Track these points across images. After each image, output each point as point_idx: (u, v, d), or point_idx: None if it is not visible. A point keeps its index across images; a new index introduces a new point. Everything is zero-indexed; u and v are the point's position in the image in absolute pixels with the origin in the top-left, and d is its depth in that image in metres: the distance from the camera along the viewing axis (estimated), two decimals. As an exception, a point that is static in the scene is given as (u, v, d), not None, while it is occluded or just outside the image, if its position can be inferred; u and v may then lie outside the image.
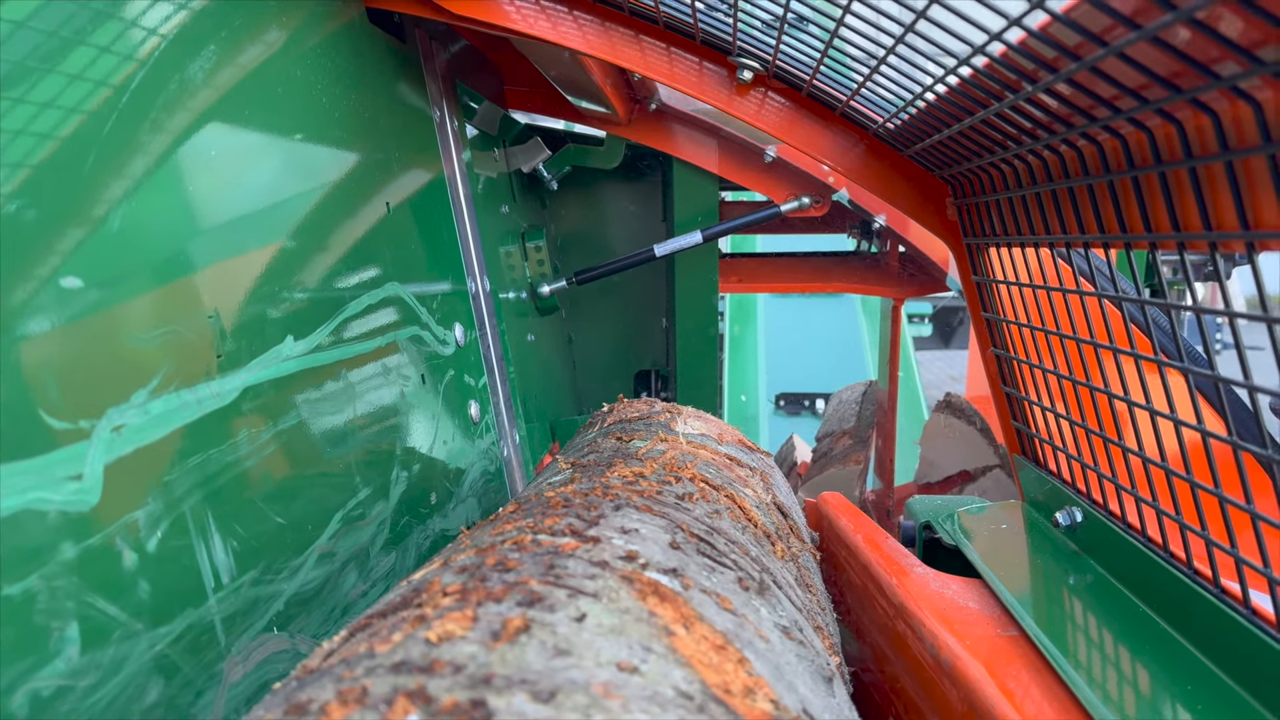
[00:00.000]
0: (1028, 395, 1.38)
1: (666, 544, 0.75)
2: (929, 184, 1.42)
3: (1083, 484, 1.28)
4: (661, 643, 0.55)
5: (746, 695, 0.55)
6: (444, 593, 0.58)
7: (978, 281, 1.42)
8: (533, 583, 0.59)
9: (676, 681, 0.51)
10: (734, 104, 1.43)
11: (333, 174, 1.21)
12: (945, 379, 11.26)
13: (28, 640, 0.60)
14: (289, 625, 0.94)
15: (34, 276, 0.67)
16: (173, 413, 0.80)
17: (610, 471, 1.00)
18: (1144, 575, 1.11)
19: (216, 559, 0.83)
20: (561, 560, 0.64)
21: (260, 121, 1.03)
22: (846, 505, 1.59)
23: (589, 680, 0.47)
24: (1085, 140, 0.97)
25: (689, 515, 0.87)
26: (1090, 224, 1.04)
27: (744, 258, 3.14)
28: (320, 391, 1.07)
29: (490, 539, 0.73)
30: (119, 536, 0.71)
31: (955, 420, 2.95)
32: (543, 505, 0.84)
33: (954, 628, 1.14)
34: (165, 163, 0.84)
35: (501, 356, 1.91)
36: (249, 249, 0.98)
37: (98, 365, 0.72)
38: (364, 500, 1.15)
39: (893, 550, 1.38)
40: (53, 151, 0.71)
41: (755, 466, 1.30)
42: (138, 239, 0.79)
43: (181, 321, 0.83)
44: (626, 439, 1.22)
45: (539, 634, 0.51)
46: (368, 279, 1.26)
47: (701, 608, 0.64)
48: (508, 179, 2.39)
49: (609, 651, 0.51)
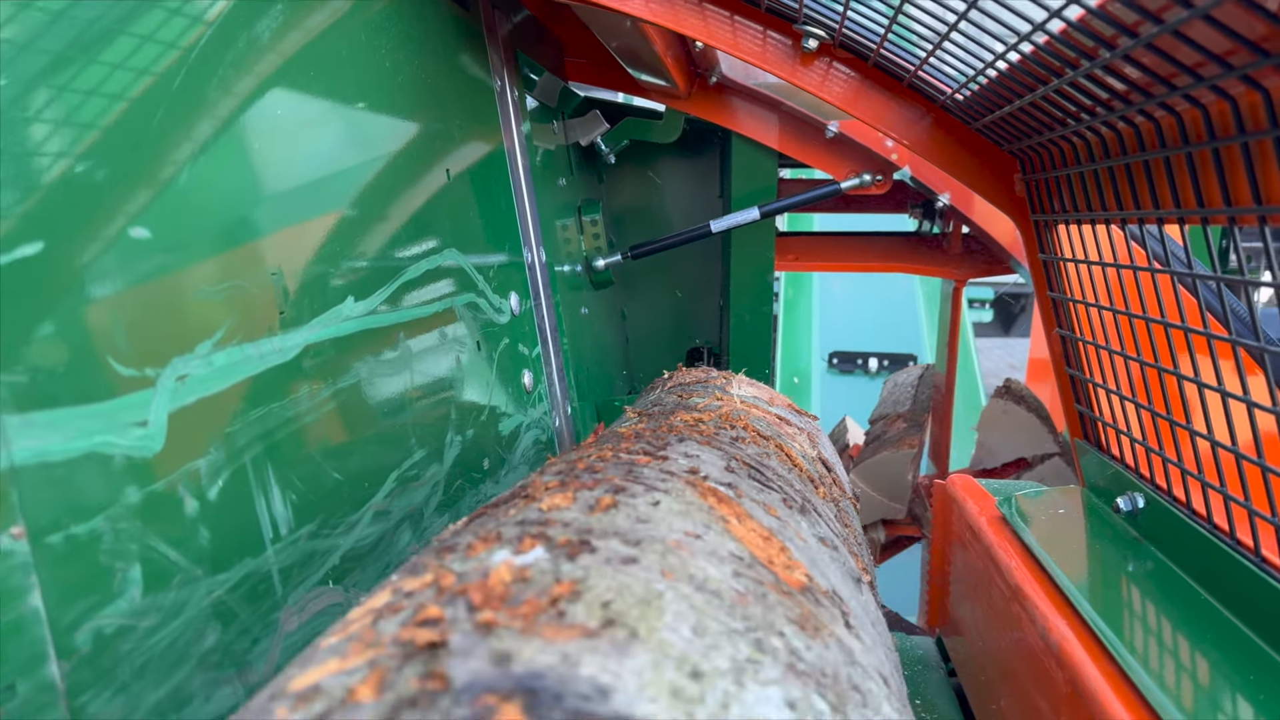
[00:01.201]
0: (1092, 378, 1.35)
1: (722, 467, 0.89)
2: (997, 158, 1.39)
3: (1146, 469, 1.25)
4: (719, 525, 0.69)
5: (786, 569, 0.69)
6: (546, 486, 0.73)
7: (1044, 260, 1.38)
8: (616, 480, 0.74)
9: (731, 549, 0.65)
10: (798, 74, 1.41)
11: (394, 140, 1.22)
12: (1004, 367, 11.06)
13: (92, 579, 0.62)
14: (344, 580, 0.95)
15: (105, 228, 0.68)
16: (235, 365, 0.81)
17: (672, 417, 1.15)
18: (1208, 563, 1.07)
19: (275, 511, 0.85)
20: (638, 469, 0.79)
21: (324, 86, 1.04)
22: (975, 488, 1.57)
23: (664, 537, 0.62)
24: (1163, 111, 0.94)
25: (742, 451, 1.00)
26: (1165, 200, 1.01)
27: (801, 236, 3.11)
28: (378, 353, 1.08)
29: (576, 456, 0.89)
30: (181, 484, 0.73)
31: (1014, 406, 2.89)
32: (616, 437, 1.01)
33: (1065, 613, 1.12)
34: (232, 123, 0.85)
35: (556, 328, 1.91)
36: (312, 210, 0.99)
37: (164, 316, 0.73)
38: (419, 461, 1.16)
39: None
40: (124, 111, 0.72)
41: (802, 427, 1.41)
42: (203, 196, 0.80)
43: (246, 277, 0.85)
44: (685, 396, 1.34)
45: (624, 509, 0.66)
46: (426, 245, 1.27)
47: (751, 509, 0.78)
48: (566, 151, 2.39)
49: (679, 524, 0.65)
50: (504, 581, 0.51)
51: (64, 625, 0.59)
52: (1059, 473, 2.82)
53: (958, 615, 1.60)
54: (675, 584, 0.55)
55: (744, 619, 0.54)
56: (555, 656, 0.43)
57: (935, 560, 1.73)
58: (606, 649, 0.45)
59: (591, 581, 0.52)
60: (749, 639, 0.52)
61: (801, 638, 0.57)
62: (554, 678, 0.41)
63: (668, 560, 0.58)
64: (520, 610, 0.47)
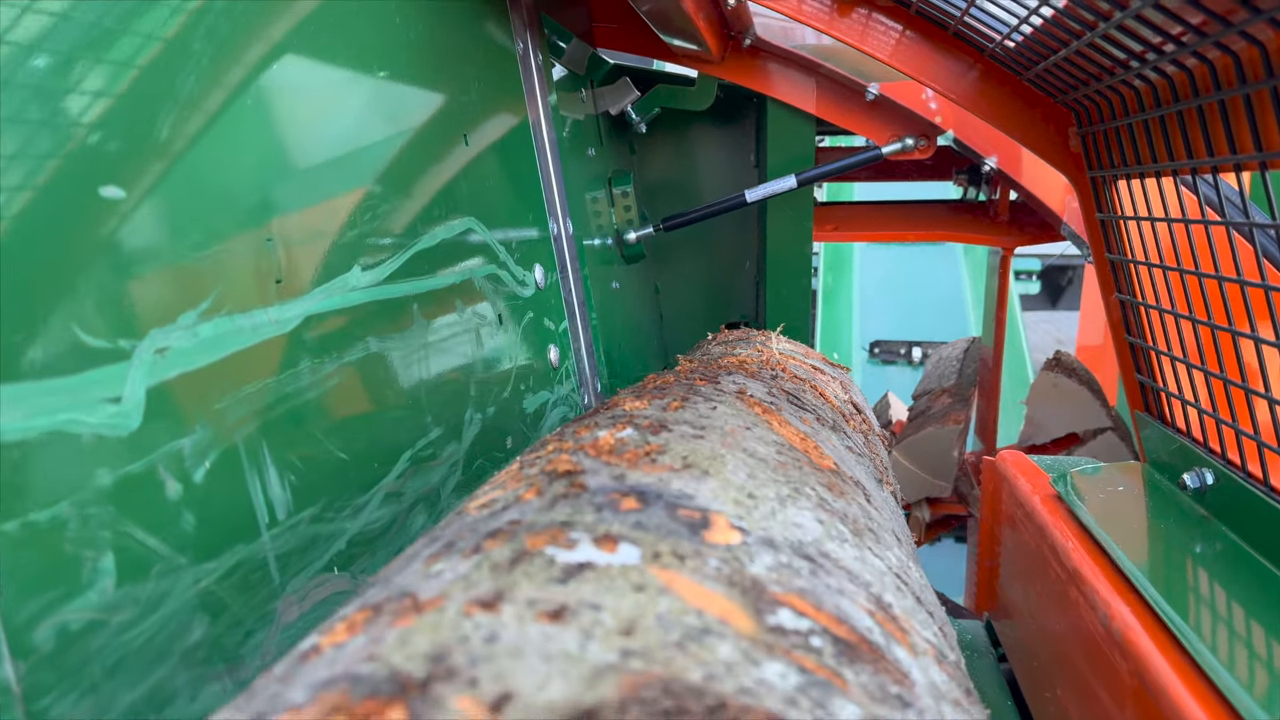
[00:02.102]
0: (1155, 345, 1.25)
1: (765, 391, 1.06)
2: (1051, 111, 1.29)
3: (1216, 442, 1.15)
4: (763, 424, 0.86)
5: (819, 456, 0.85)
6: (625, 399, 0.90)
7: (1102, 219, 1.28)
8: (680, 393, 0.91)
9: (774, 438, 0.82)
10: (835, 25, 1.32)
11: (404, 103, 1.15)
12: (1051, 342, 10.80)
13: (55, 571, 0.56)
14: (351, 565, 0.90)
15: (71, 185, 0.62)
16: (225, 337, 0.75)
17: (720, 360, 1.33)
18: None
19: (272, 493, 0.79)
20: (697, 388, 0.97)
21: (324, 42, 0.97)
22: (1027, 464, 1.49)
23: (722, 426, 0.79)
24: (1246, 41, 0.84)
25: (781, 384, 1.17)
26: (1245, 144, 0.91)
27: (840, 205, 3.01)
28: (389, 325, 1.02)
29: (643, 382, 1.08)
30: (162, 465, 0.67)
31: (1065, 380, 2.78)
32: (674, 371, 1.18)
33: (1129, 597, 1.04)
34: (221, 80, 0.79)
35: (584, 302, 1.84)
36: (311, 177, 0.93)
37: (141, 285, 0.67)
38: (435, 440, 1.10)
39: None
40: (102, 65, 0.66)
41: (835, 375, 1.58)
42: (189, 156, 0.74)
43: (236, 243, 0.79)
44: (730, 348, 1.54)
45: (689, 409, 0.84)
46: (442, 213, 1.21)
47: (790, 419, 0.95)
48: (595, 121, 2.31)
49: (733, 420, 0.83)
50: (609, 443, 0.68)
51: (20, 622, 0.53)
52: (1112, 448, 2.71)
53: (1009, 598, 1.52)
54: (733, 451, 0.71)
55: (785, 476, 0.71)
56: (654, 479, 0.60)
57: (984, 541, 1.65)
58: (687, 478, 0.62)
59: (672, 445, 0.69)
60: (789, 486, 0.69)
61: (829, 494, 0.74)
62: (655, 488, 0.59)
63: (726, 439, 0.75)
64: (625, 456, 0.65)
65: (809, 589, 0.52)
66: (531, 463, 0.67)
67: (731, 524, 0.56)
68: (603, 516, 0.53)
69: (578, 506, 0.55)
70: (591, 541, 0.50)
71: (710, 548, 0.52)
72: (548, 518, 0.53)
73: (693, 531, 0.53)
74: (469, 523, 0.57)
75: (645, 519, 0.53)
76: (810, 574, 0.54)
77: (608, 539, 0.50)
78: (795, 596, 0.50)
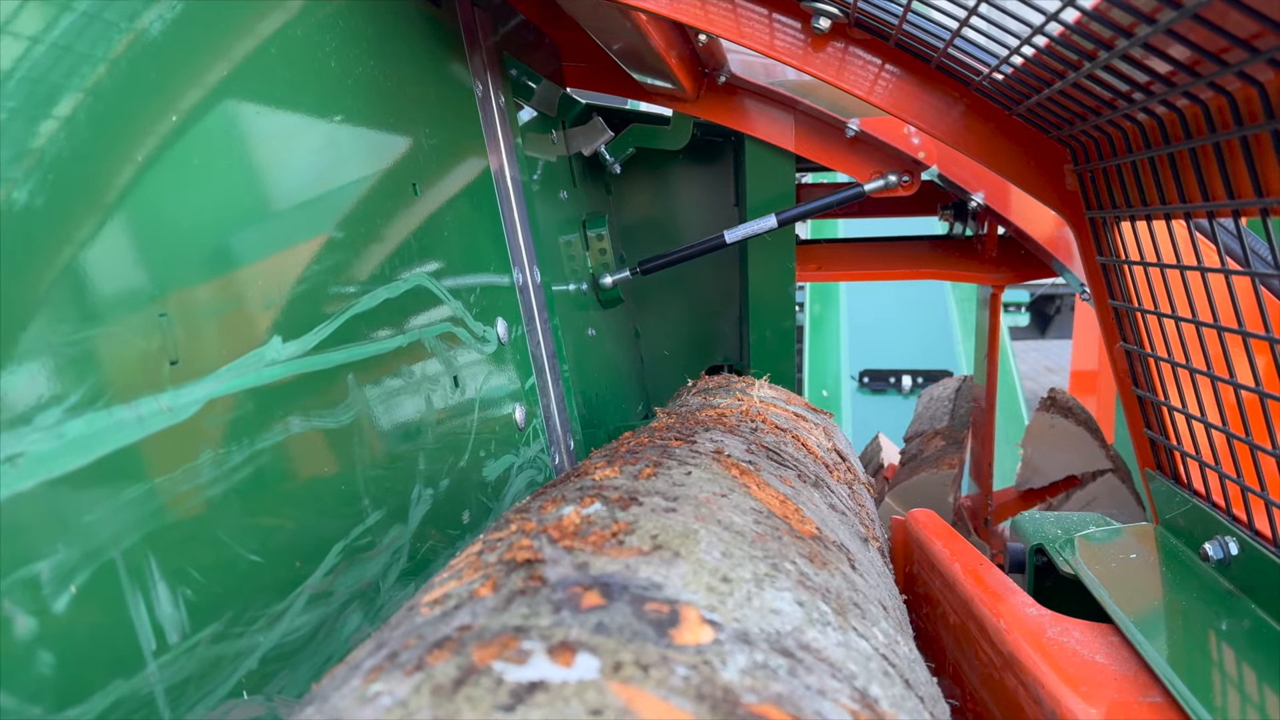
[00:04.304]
0: (1167, 400, 1.15)
1: (744, 449, 1.03)
2: (1043, 148, 1.20)
3: (1241, 508, 1.05)
4: (741, 489, 0.83)
5: (799, 522, 0.83)
6: (595, 465, 0.87)
7: (1103, 263, 1.19)
8: (654, 457, 0.88)
9: (752, 505, 0.79)
10: (810, 60, 1.23)
11: (341, 152, 1.05)
12: (1040, 370, 10.74)
13: None
14: (266, 686, 0.78)
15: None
16: (99, 434, 0.64)
17: (698, 414, 1.30)
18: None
19: (161, 614, 0.68)
20: (671, 449, 0.94)
21: (244, 84, 0.87)
22: (941, 526, 1.38)
23: (696, 495, 0.75)
24: (1251, 78, 0.75)
25: (761, 438, 1.14)
26: (1248, 189, 0.81)
27: (824, 244, 2.92)
28: (316, 401, 0.91)
29: (616, 445, 1.05)
30: (9, 598, 0.56)
31: (1061, 420, 2.68)
32: (649, 430, 1.14)
33: (1081, 689, 0.92)
34: (108, 114, 0.69)
35: (554, 354, 1.74)
36: (225, 237, 0.82)
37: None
38: (374, 526, 0.99)
39: (999, 584, 1.16)
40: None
41: (818, 422, 1.54)
42: (56, 217, 0.64)
43: (119, 323, 0.68)
44: (710, 398, 1.51)
45: (662, 477, 0.80)
46: (386, 271, 1.10)
47: (769, 480, 0.92)
48: (567, 163, 2.22)
49: (708, 487, 0.79)
50: (574, 523, 0.65)
51: None
52: (1114, 490, 2.60)
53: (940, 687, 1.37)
54: (707, 525, 0.68)
55: (763, 550, 0.68)
56: (619, 566, 0.57)
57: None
58: (657, 562, 0.59)
59: (641, 522, 0.66)
60: (767, 562, 0.66)
61: (811, 567, 0.71)
62: (621, 577, 0.55)
63: (700, 510, 0.72)
64: (589, 539, 0.62)
65: (786, 694, 0.48)
66: (493, 545, 0.65)
67: (703, 617, 0.53)
68: (561, 618, 0.50)
69: (534, 606, 0.51)
70: (546, 652, 0.46)
71: (679, 651, 0.48)
72: (500, 622, 0.50)
73: (659, 632, 0.50)
74: (418, 625, 0.53)
75: (608, 619, 0.50)
76: (789, 674, 0.51)
77: (564, 648, 0.46)
78: (771, 706, 0.46)
